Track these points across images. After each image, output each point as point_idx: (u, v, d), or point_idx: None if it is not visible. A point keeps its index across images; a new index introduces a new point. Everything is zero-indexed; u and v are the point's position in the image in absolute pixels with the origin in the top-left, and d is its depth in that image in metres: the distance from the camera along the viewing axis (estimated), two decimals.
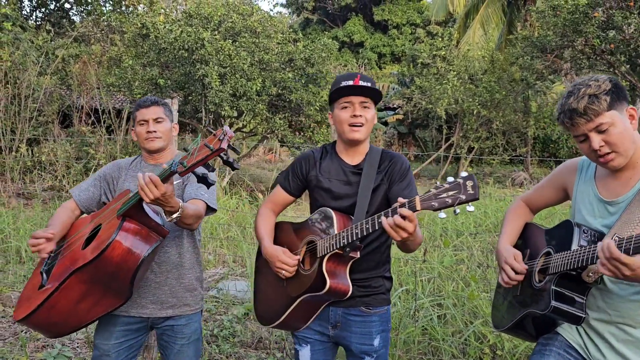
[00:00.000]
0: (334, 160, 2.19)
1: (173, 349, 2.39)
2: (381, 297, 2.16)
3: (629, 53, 12.18)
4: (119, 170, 2.48)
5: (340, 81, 2.10)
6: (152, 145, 2.38)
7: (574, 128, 1.68)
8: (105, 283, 2.08)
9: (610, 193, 1.77)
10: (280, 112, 11.37)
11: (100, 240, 2.06)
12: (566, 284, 1.71)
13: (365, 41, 34.38)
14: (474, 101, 14.87)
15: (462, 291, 4.03)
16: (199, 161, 1.76)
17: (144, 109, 2.39)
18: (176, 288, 2.37)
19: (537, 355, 1.88)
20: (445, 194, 1.62)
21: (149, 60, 11.27)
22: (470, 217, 7.38)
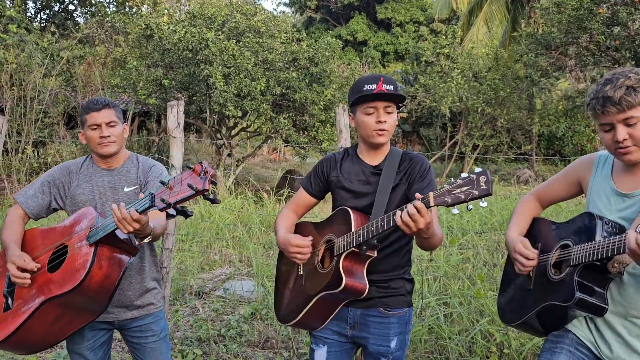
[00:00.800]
0: (355, 162, 2.21)
1: (145, 348, 2.43)
2: (401, 299, 2.15)
3: (634, 49, 12.12)
4: (70, 175, 2.39)
5: (363, 85, 2.08)
6: (106, 150, 2.31)
7: (603, 116, 1.68)
8: (81, 306, 2.12)
9: (626, 186, 1.77)
10: (284, 111, 11.39)
11: (74, 267, 2.05)
12: (589, 275, 1.71)
13: (369, 39, 34.34)
14: (478, 99, 14.85)
15: (468, 290, 4.03)
16: (180, 200, 1.75)
17: (95, 113, 2.29)
18: (139, 290, 2.41)
19: (548, 353, 1.88)
20: (459, 190, 1.63)
21: (153, 61, 11.30)
22: (476, 216, 7.38)
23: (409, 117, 20.93)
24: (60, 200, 2.40)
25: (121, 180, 2.38)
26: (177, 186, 1.77)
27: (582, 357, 1.81)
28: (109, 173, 2.39)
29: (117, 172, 2.40)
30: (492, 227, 7.20)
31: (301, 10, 37.29)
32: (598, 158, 1.92)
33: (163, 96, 11.56)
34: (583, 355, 1.81)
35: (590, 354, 1.81)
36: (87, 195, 2.36)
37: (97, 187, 2.37)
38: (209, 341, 4.04)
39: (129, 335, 2.45)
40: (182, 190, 1.75)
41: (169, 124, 3.41)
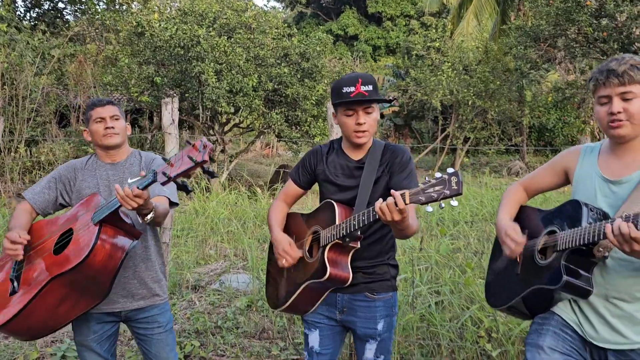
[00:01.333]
0: (340, 155, 2.31)
1: (152, 340, 2.51)
2: (386, 284, 2.26)
3: (622, 41, 12.26)
4: (75, 171, 2.50)
5: (342, 87, 2.15)
6: (110, 140, 2.42)
7: (603, 87, 1.79)
8: (85, 286, 2.19)
9: (613, 173, 1.86)
10: (276, 107, 11.45)
11: (79, 246, 2.13)
12: (575, 259, 1.79)
13: (360, 34, 34.39)
14: (469, 92, 14.96)
15: (458, 278, 4.14)
16: (182, 172, 1.85)
17: (99, 108, 2.43)
18: (145, 280, 2.48)
19: (535, 335, 1.97)
20: (432, 189, 1.75)
21: (145, 58, 11.31)
22: (467, 207, 7.50)
23: (401, 111, 21.04)
24: (66, 195, 2.50)
25: (124, 172, 2.47)
26: (178, 162, 1.88)
27: (567, 337, 1.90)
28: (112, 167, 2.49)
29: (120, 166, 2.50)
30: (482, 217, 7.33)
31: (292, 6, 37.25)
32: (585, 148, 2.00)
33: (155, 93, 11.58)
34: (568, 336, 1.90)
35: (574, 335, 1.90)
36: (92, 189, 2.45)
37: (102, 180, 2.46)
38: (206, 333, 4.13)
39: (136, 326, 2.53)
40: (182, 164, 1.85)
41: (164, 120, 3.48)
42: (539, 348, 1.92)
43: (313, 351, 2.33)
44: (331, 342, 2.33)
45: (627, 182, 1.81)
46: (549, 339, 1.91)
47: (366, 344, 2.26)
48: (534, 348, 1.94)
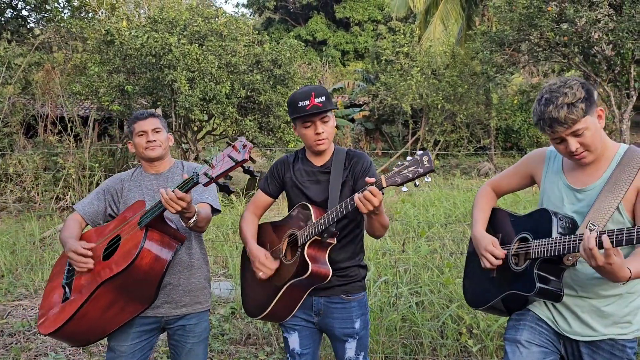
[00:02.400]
0: (304, 163, 2.44)
1: (184, 348, 2.53)
2: (358, 285, 2.39)
3: (582, 45, 12.74)
4: (122, 183, 2.60)
5: (297, 102, 2.27)
6: (152, 153, 2.51)
7: (553, 134, 1.85)
8: (133, 290, 2.25)
9: (578, 182, 1.96)
10: (249, 114, 11.50)
11: (127, 250, 2.20)
12: (546, 267, 1.90)
13: (328, 39, 34.65)
14: (438, 96, 15.30)
15: (437, 278, 4.28)
16: (223, 172, 1.92)
17: (141, 121, 2.52)
18: (188, 287, 2.51)
19: (512, 330, 2.10)
20: (406, 170, 1.90)
21: (115, 66, 11.23)
22: (441, 209, 7.69)
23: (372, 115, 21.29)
24: (114, 206, 2.57)
25: (168, 182, 2.54)
26: (219, 163, 1.95)
27: (542, 331, 2.04)
28: (156, 177, 2.57)
29: (164, 176, 2.57)
30: (456, 219, 7.53)
31: (260, 11, 37.29)
32: (549, 153, 2.11)
33: (126, 102, 11.49)
34: (543, 330, 2.04)
35: (549, 328, 2.04)
36: (137, 198, 2.51)
37: (147, 190, 2.54)
38: None
39: (171, 333, 2.56)
40: (224, 164, 1.92)
41: None
42: (517, 342, 2.05)
43: (295, 353, 2.43)
44: (310, 342, 2.44)
45: (591, 190, 1.93)
46: (526, 334, 2.05)
47: (346, 344, 2.37)
48: (512, 343, 2.07)
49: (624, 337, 1.94)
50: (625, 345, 1.94)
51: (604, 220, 1.84)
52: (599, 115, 1.87)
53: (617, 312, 1.94)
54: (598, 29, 12.18)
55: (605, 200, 1.86)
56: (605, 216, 1.84)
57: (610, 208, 1.85)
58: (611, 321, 1.94)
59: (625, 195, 1.84)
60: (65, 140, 11.93)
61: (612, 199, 1.85)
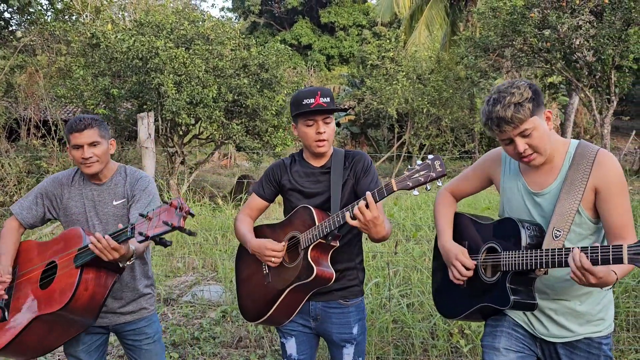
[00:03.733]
0: (303, 165, 2.42)
1: (141, 350, 2.57)
2: (356, 289, 2.37)
3: (564, 50, 12.97)
4: (61, 187, 2.50)
5: (302, 99, 2.26)
6: (89, 170, 2.40)
7: (501, 134, 1.85)
8: (71, 321, 2.26)
9: (536, 184, 1.97)
10: (236, 117, 11.49)
11: (62, 287, 2.19)
12: (518, 279, 1.90)
13: (313, 43, 34.76)
14: (423, 100, 15.44)
15: (427, 280, 4.33)
16: (157, 234, 1.91)
17: (77, 133, 2.34)
18: (131, 298, 2.53)
19: (490, 337, 2.11)
20: (417, 174, 1.90)
21: (100, 70, 11.14)
22: (428, 212, 7.76)
23: (357, 119, 21.41)
24: (53, 211, 2.51)
25: (109, 194, 2.49)
26: (156, 218, 1.93)
27: (519, 336, 2.06)
28: (97, 187, 2.50)
29: (105, 187, 2.50)
30: None
31: (245, 15, 37.27)
32: (505, 154, 2.07)
33: (112, 106, 11.41)
34: (520, 335, 2.06)
35: (525, 332, 2.06)
36: (78, 208, 2.47)
37: (88, 201, 2.48)
38: (184, 344, 4.16)
39: (124, 337, 2.58)
40: (158, 224, 1.91)
41: (140, 134, 3.52)
42: (495, 350, 2.07)
43: (292, 358, 2.42)
44: (308, 348, 2.43)
45: (548, 193, 1.93)
46: (504, 340, 2.06)
47: (343, 349, 2.36)
48: (491, 350, 2.09)
49: (599, 335, 1.97)
50: (601, 343, 1.98)
51: (567, 224, 1.85)
52: (547, 117, 1.87)
53: (591, 310, 1.96)
54: (579, 35, 12.42)
55: (565, 204, 1.87)
56: (568, 220, 1.85)
57: (572, 211, 1.86)
58: (585, 320, 1.97)
59: (583, 196, 1.85)
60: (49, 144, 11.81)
61: (572, 202, 1.86)
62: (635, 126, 22.45)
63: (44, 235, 7.55)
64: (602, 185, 1.84)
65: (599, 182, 1.84)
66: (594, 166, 1.85)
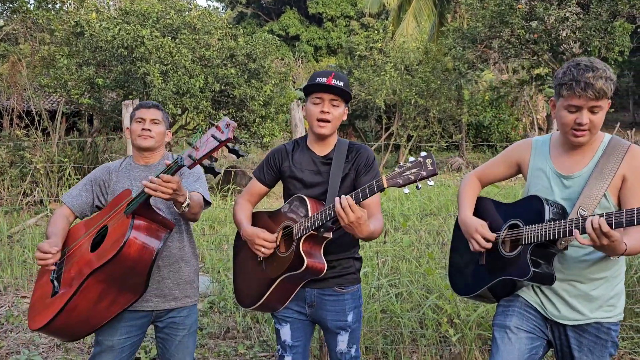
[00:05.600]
0: (305, 152, 2.37)
1: (174, 342, 2.49)
2: (352, 277, 2.35)
3: (551, 42, 13.03)
4: (109, 173, 2.53)
5: (315, 77, 2.27)
6: (143, 142, 2.45)
7: (577, 98, 1.85)
8: (122, 280, 2.19)
9: (565, 168, 2.01)
10: (223, 108, 11.40)
11: (114, 239, 2.15)
12: (538, 252, 1.93)
13: (301, 34, 34.54)
14: (411, 91, 15.43)
15: (415, 269, 4.33)
16: (207, 152, 1.87)
17: (144, 109, 2.49)
18: (178, 280, 2.47)
19: (501, 316, 2.13)
20: (408, 172, 1.85)
21: (85, 59, 10.97)
22: (416, 202, 7.77)
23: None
24: (102, 197, 2.51)
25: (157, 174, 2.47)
26: (203, 145, 1.90)
27: (530, 317, 2.08)
28: (146, 168, 2.50)
29: (153, 168, 2.51)
30: (431, 212, 7.62)
31: (232, 5, 36.93)
32: (535, 142, 2.16)
33: (96, 95, 11.25)
34: (531, 315, 2.08)
35: (537, 314, 2.08)
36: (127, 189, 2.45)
37: (135, 182, 2.47)
38: None
39: (160, 326, 2.50)
40: (207, 145, 1.87)
41: (125, 123, 3.45)
42: (506, 328, 2.09)
43: (286, 345, 2.39)
44: (302, 334, 2.41)
45: (578, 177, 1.98)
46: (515, 319, 2.08)
47: (338, 336, 2.35)
48: (501, 328, 2.11)
49: (609, 321, 2.00)
50: (610, 329, 2.00)
51: (592, 206, 1.91)
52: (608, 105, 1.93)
53: (604, 295, 1.99)
54: (566, 27, 12.48)
55: (594, 188, 1.92)
56: (594, 202, 1.91)
57: (599, 195, 1.91)
58: (597, 305, 1.99)
59: (611, 182, 1.91)
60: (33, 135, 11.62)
61: (600, 187, 1.92)
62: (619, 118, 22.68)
63: (28, 227, 7.44)
64: (631, 174, 1.92)
65: (629, 171, 1.92)
66: (626, 156, 1.93)
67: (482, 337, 3.60)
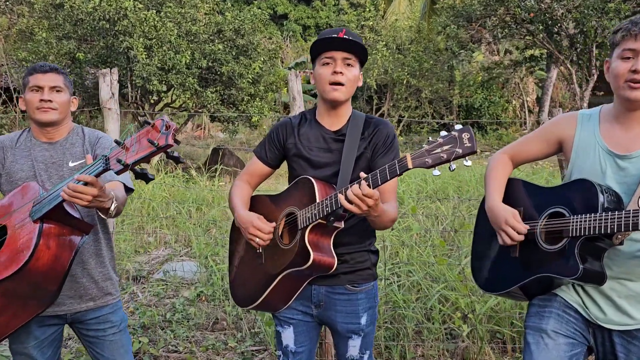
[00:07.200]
0: (314, 126, 2.03)
1: (105, 342, 2.20)
2: (367, 273, 2.03)
3: (546, 22, 12.73)
4: (3, 150, 2.13)
5: (322, 35, 1.94)
6: (44, 117, 2.06)
7: (633, 40, 1.61)
8: (27, 293, 1.86)
9: (620, 146, 1.70)
10: (211, 85, 10.96)
11: (16, 248, 1.80)
12: (589, 246, 1.64)
13: (289, 13, 33.89)
14: (403, 71, 15.08)
15: (418, 258, 4.06)
16: (141, 158, 1.55)
17: (39, 74, 2.06)
18: (95, 278, 2.16)
19: (536, 318, 1.84)
20: (440, 149, 1.53)
21: (65, 32, 10.44)
22: (412, 185, 7.50)
23: None
24: None
25: (65, 154, 2.12)
26: (135, 145, 1.57)
27: (570, 319, 1.79)
28: (50, 146, 2.13)
29: (59, 146, 2.14)
30: (427, 195, 7.35)
31: None
32: (581, 116, 1.83)
33: (77, 71, 10.77)
34: (571, 318, 1.79)
35: (578, 316, 1.79)
36: (26, 172, 2.09)
37: (37, 163, 2.10)
38: (154, 327, 3.82)
39: (84, 328, 2.20)
40: (141, 148, 1.54)
41: (102, 94, 3.11)
42: (542, 332, 1.80)
43: (288, 350, 2.08)
44: (307, 339, 2.10)
45: (638, 157, 1.66)
46: (552, 322, 1.79)
47: (349, 341, 2.04)
48: (536, 332, 1.82)
49: None
50: None
51: None
52: None
53: None
54: (562, 6, 12.18)
55: None
56: None
57: None
58: None
59: None
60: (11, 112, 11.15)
61: None
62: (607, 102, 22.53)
63: None
64: None
65: None
66: None
67: (490, 331, 3.35)
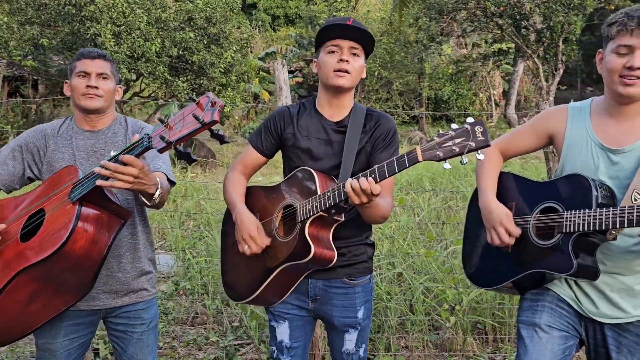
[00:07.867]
0: (314, 116, 1.99)
1: (132, 339, 2.10)
2: (364, 266, 2.01)
3: (514, 16, 12.94)
4: (45, 138, 2.06)
5: (329, 23, 1.91)
6: (90, 103, 2.00)
7: (629, 36, 1.60)
8: (62, 280, 1.78)
9: (613, 141, 1.70)
10: (181, 74, 10.74)
11: (54, 230, 1.72)
12: (583, 242, 1.65)
13: (258, 2, 33.50)
14: (375, 63, 15.11)
15: (398, 250, 4.08)
16: (184, 135, 1.48)
17: (87, 60, 2.01)
18: (131, 273, 2.08)
19: (529, 312, 1.85)
20: (451, 142, 1.51)
21: (28, 17, 10.05)
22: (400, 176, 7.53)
23: (305, 81, 20.88)
24: (35, 168, 2.05)
25: (107, 143, 2.05)
26: (179, 124, 1.50)
27: (564, 313, 1.80)
28: (92, 135, 2.06)
29: (102, 135, 2.07)
30: (401, 187, 7.40)
31: None
32: (572, 109, 1.83)
33: (41, 58, 10.40)
34: (564, 312, 1.80)
35: (570, 310, 1.80)
36: (67, 161, 2.00)
37: (79, 152, 2.03)
38: None
39: (113, 322, 2.10)
40: (185, 125, 1.48)
41: None
42: (535, 326, 1.81)
43: (283, 345, 2.04)
44: (302, 334, 2.06)
45: (630, 151, 1.66)
46: (545, 316, 1.81)
47: (345, 335, 2.02)
48: (530, 326, 1.83)
49: None
50: None
51: None
52: None
53: None
54: (531, 1, 12.39)
55: None
56: None
57: None
58: None
59: None
60: None
61: None
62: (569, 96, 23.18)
63: None
64: None
65: None
66: None
67: (472, 321, 3.39)
